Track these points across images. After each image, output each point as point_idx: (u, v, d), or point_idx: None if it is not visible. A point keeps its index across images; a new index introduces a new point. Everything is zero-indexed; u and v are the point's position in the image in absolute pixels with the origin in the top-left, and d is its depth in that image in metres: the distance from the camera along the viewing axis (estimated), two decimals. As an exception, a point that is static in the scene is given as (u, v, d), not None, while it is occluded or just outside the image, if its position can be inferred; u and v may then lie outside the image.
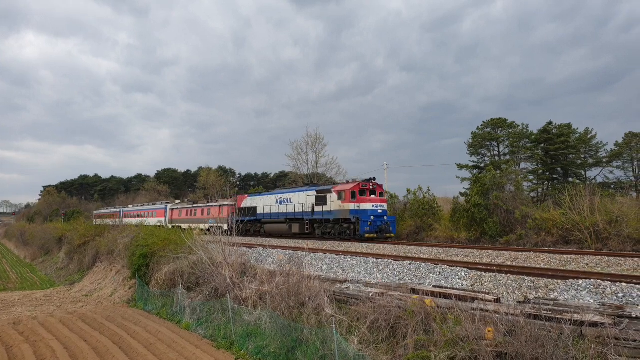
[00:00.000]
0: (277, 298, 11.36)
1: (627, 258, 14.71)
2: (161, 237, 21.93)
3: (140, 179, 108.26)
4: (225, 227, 31.98)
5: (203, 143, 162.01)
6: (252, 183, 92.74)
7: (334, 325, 9.35)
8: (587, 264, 14.50)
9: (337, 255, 17.23)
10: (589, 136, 41.63)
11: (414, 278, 12.61)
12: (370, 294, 10.90)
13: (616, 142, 42.13)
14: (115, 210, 65.01)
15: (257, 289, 12.08)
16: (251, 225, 33.95)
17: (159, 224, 41.07)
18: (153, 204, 56.67)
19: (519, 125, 42.93)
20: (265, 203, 33.02)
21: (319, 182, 40.89)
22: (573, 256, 15.90)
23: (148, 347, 13.16)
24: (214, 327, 13.49)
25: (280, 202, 31.36)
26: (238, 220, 27.90)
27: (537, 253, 16.91)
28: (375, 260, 15.09)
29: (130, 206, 64.80)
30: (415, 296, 10.49)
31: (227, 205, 37.83)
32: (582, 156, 40.47)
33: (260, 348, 11.02)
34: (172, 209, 48.21)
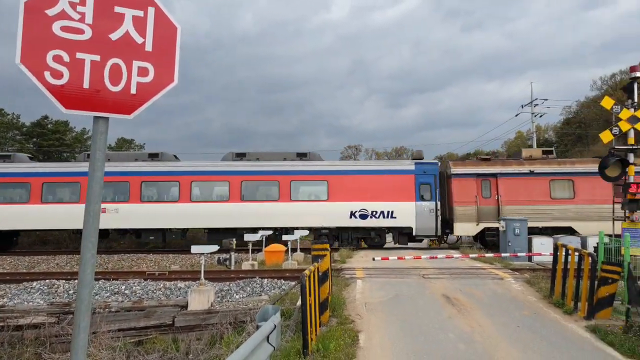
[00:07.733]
0: None
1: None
2: None
3: None
4: None
5: None
6: None
7: None
8: (64, 264, 14.67)
9: None
10: (85, 136, 43.34)
11: None
12: None
13: (110, 145, 45.55)
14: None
15: None
16: None
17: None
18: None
19: (8, 114, 39.13)
20: None
21: None
22: (45, 256, 15.71)
23: None
24: None
25: None
26: None
27: (3, 256, 15.63)
28: None
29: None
30: None
31: None
32: (76, 155, 41.44)
33: None
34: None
